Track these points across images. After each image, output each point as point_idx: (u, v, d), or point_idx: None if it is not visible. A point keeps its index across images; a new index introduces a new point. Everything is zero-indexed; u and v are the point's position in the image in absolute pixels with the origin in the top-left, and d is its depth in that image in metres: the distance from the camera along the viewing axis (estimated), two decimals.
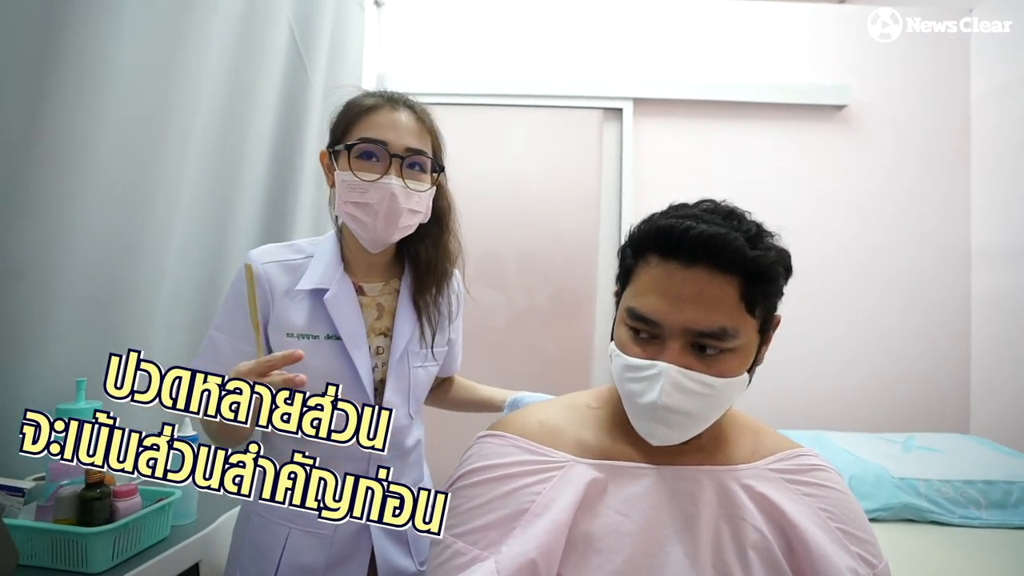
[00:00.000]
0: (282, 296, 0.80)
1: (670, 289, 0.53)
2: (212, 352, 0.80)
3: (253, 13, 1.30)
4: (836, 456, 1.54)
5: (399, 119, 0.79)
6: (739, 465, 0.60)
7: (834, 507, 0.57)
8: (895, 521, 1.36)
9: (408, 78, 2.02)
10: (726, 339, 0.53)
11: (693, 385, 0.53)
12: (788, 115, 2.02)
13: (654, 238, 0.55)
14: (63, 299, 0.91)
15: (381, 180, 0.76)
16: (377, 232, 0.79)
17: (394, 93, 0.82)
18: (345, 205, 0.79)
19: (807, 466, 0.61)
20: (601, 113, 2.06)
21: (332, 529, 0.81)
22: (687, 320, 0.53)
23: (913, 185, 2.00)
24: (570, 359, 2.00)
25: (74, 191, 0.90)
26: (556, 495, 0.55)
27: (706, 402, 0.54)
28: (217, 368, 0.75)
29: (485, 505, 0.56)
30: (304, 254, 0.84)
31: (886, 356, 1.99)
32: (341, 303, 0.81)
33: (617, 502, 0.56)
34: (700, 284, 0.52)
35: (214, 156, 1.23)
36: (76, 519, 0.77)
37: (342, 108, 0.82)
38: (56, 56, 0.86)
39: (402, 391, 0.85)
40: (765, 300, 0.55)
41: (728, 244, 0.52)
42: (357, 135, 0.78)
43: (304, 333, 0.79)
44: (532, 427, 0.62)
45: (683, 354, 0.53)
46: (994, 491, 1.37)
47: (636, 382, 0.55)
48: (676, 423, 0.54)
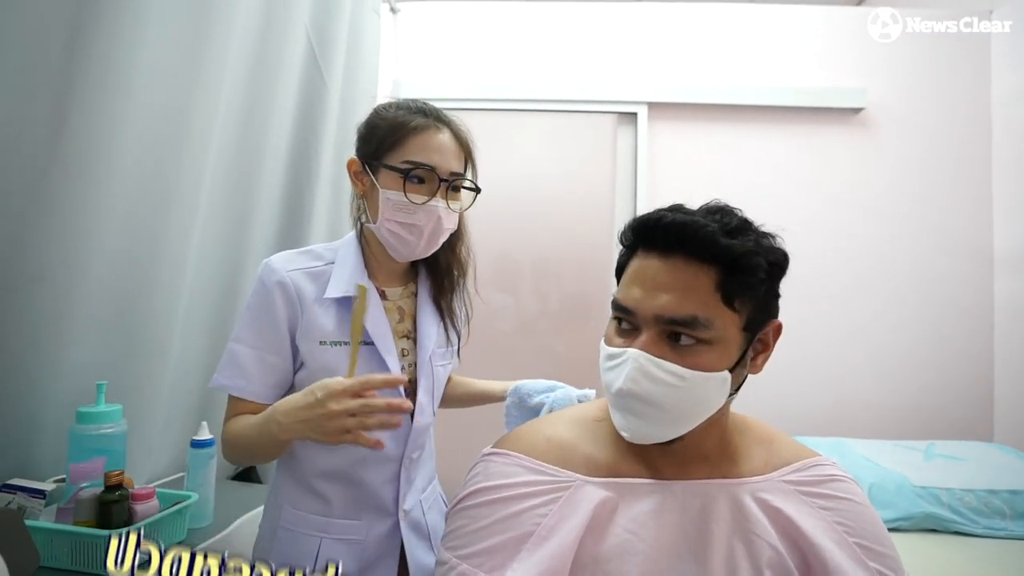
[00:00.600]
0: (311, 304, 0.80)
1: (646, 278, 0.54)
2: (234, 366, 0.78)
3: (271, 21, 1.32)
4: (856, 463, 1.51)
5: (444, 142, 0.81)
6: (752, 477, 0.58)
7: (852, 520, 0.55)
8: (917, 531, 1.33)
9: (423, 83, 2.03)
10: (698, 328, 0.52)
11: (661, 374, 0.52)
12: (804, 119, 2.00)
13: (636, 232, 0.57)
14: (83, 302, 0.92)
15: (430, 203, 0.79)
16: (418, 250, 0.83)
17: (435, 110, 0.83)
18: (389, 222, 0.80)
19: (824, 476, 0.59)
20: (615, 117, 2.06)
21: (364, 533, 0.82)
22: (658, 307, 0.53)
23: (933, 189, 1.97)
24: (582, 362, 1.99)
25: (95, 195, 0.92)
26: (563, 517, 0.54)
27: (677, 394, 0.52)
28: (239, 380, 0.76)
29: (490, 527, 0.54)
30: (324, 260, 0.84)
31: (907, 362, 1.95)
32: (370, 310, 0.82)
33: (627, 521, 0.55)
34: (675, 272, 0.53)
35: (233, 161, 1.25)
36: (95, 521, 0.78)
37: (385, 123, 0.81)
38: (79, 64, 0.88)
39: (429, 390, 0.88)
40: (744, 292, 0.53)
41: (698, 231, 0.52)
42: (405, 156, 0.79)
43: (336, 340, 0.79)
44: (539, 445, 0.61)
45: (656, 343, 0.53)
46: (1020, 501, 1.34)
47: (611, 371, 0.55)
48: (646, 414, 0.54)
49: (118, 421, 0.87)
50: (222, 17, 1.12)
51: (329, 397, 0.63)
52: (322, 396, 0.64)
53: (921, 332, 1.95)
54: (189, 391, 1.20)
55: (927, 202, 1.97)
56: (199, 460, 0.99)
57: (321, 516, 0.81)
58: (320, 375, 0.77)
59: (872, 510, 0.58)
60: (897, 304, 1.96)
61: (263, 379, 0.78)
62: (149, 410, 1.07)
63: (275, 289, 0.78)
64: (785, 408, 1.90)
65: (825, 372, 1.94)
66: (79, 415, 0.84)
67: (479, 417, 1.16)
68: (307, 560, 0.80)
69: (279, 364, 0.79)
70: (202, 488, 0.98)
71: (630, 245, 0.59)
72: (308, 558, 0.80)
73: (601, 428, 0.63)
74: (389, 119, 0.81)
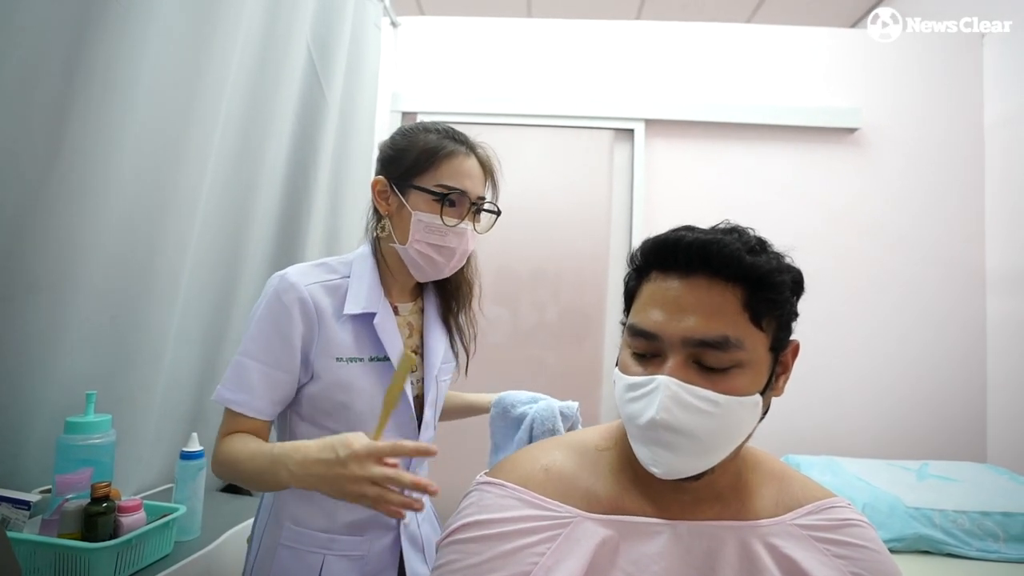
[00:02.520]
0: (329, 319, 0.79)
1: (668, 300, 0.51)
2: (240, 379, 0.76)
3: (273, 35, 1.34)
4: (849, 483, 1.51)
5: (473, 167, 0.84)
6: (763, 520, 0.54)
7: (868, 571, 0.52)
8: (910, 552, 1.32)
9: (422, 97, 2.05)
10: (730, 349, 0.49)
11: (695, 401, 0.48)
12: (800, 137, 2.03)
13: (652, 253, 0.54)
14: (77, 312, 0.92)
15: (460, 226, 0.82)
16: (445, 271, 0.85)
17: (464, 136, 0.86)
18: (420, 244, 0.82)
19: (838, 521, 0.55)
20: (613, 133, 2.08)
21: (367, 548, 0.82)
22: (686, 329, 0.49)
23: (927, 209, 1.99)
24: (580, 375, 1.99)
25: (92, 206, 0.92)
26: (561, 557, 0.51)
27: (712, 422, 0.49)
28: (244, 395, 0.75)
29: (483, 564, 0.51)
30: (339, 274, 0.84)
31: (900, 380, 1.95)
32: (387, 326, 0.83)
33: (628, 564, 0.52)
34: (699, 292, 0.50)
35: (231, 172, 1.26)
36: (80, 534, 0.77)
37: (416, 147, 0.82)
38: (81, 75, 0.89)
39: (433, 404, 0.89)
40: (771, 311, 0.51)
41: (722, 248, 0.50)
42: (439, 180, 0.81)
43: (352, 356, 0.79)
44: (536, 476, 0.57)
45: (685, 368, 0.50)
46: (1013, 524, 1.33)
47: (635, 401, 0.51)
48: (679, 446, 0.49)
49: (107, 431, 0.86)
50: (224, 30, 1.14)
51: (352, 459, 0.61)
52: (344, 455, 0.61)
53: (914, 350, 1.96)
54: (180, 402, 1.19)
55: (920, 222, 1.99)
56: (188, 472, 0.99)
57: (324, 533, 0.81)
58: (334, 391, 0.78)
59: (889, 558, 0.55)
60: (890, 322, 1.97)
61: (268, 396, 0.77)
62: (139, 421, 1.06)
63: (294, 305, 0.77)
64: (778, 426, 1.89)
65: (818, 390, 1.94)
66: (67, 425, 0.83)
67: (462, 424, 1.16)
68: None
69: (286, 381, 0.78)
70: (190, 501, 0.97)
71: (641, 267, 0.56)
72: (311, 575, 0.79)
73: (603, 458, 0.59)
74: (420, 142, 0.83)
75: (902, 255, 1.98)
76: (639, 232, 1.99)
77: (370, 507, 0.62)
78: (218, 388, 0.76)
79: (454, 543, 0.54)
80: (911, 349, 1.96)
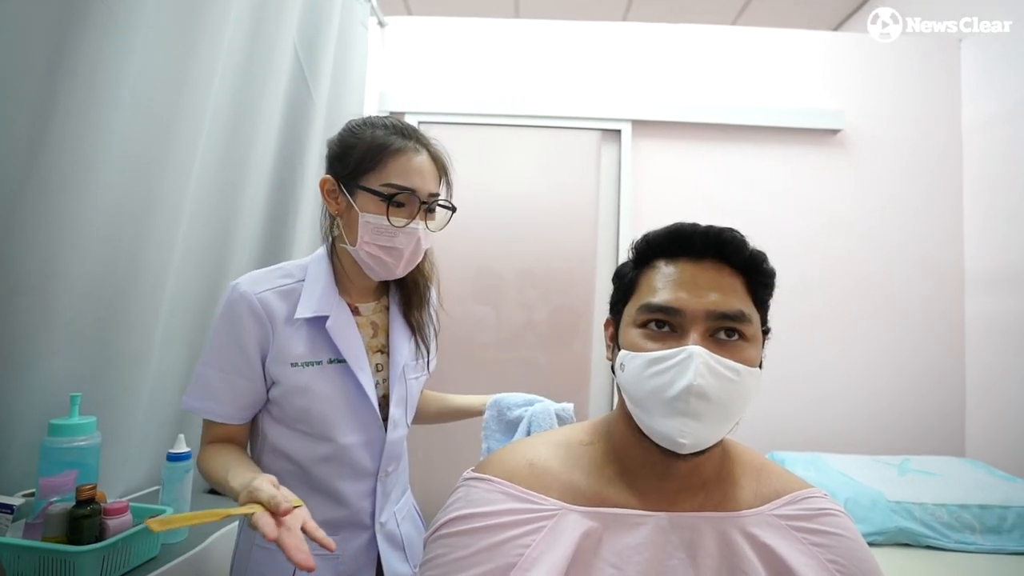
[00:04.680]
0: (283, 325, 0.79)
1: (685, 280, 0.56)
2: (203, 388, 0.78)
3: (260, 34, 1.33)
4: (832, 479, 1.53)
5: (423, 164, 0.80)
6: (742, 511, 0.57)
7: (844, 558, 0.54)
8: (890, 545, 1.35)
9: (409, 97, 2.05)
10: (744, 322, 0.54)
11: (723, 369, 0.52)
12: (784, 138, 2.06)
13: (662, 241, 0.59)
14: (61, 314, 0.91)
15: (410, 226, 0.79)
16: (396, 272, 0.83)
17: (413, 130, 0.83)
18: (369, 245, 0.80)
19: (816, 511, 0.57)
20: (600, 134, 2.09)
21: (342, 548, 0.82)
22: (709, 304, 0.54)
23: (907, 209, 2.03)
24: (568, 375, 2.00)
25: (77, 206, 0.91)
26: (546, 548, 0.52)
27: (735, 390, 0.52)
28: (209, 403, 0.77)
29: (470, 557, 0.53)
30: (294, 278, 0.83)
31: (882, 378, 1.99)
32: (342, 328, 0.82)
33: (611, 555, 0.53)
34: (712, 274, 0.56)
35: (217, 173, 1.25)
36: (65, 537, 0.76)
37: (362, 144, 0.80)
38: (64, 74, 0.88)
39: (402, 403, 0.88)
40: (764, 297, 0.58)
41: (735, 238, 0.56)
42: (385, 179, 0.78)
43: (308, 361, 0.79)
44: (521, 470, 0.59)
45: (706, 340, 0.53)
46: (989, 516, 1.37)
47: (663, 374, 0.52)
48: (705, 414, 0.51)
49: (91, 433, 0.86)
50: (210, 30, 1.13)
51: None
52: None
53: (895, 349, 2.00)
54: (167, 403, 1.18)
55: (901, 222, 2.03)
56: (175, 474, 0.98)
57: None
58: (292, 396, 0.78)
59: (865, 545, 0.57)
60: (871, 321, 2.01)
61: (234, 402, 0.78)
62: (125, 422, 1.05)
63: (245, 315, 0.77)
64: (765, 424, 1.92)
65: (803, 388, 1.97)
66: (51, 427, 0.82)
67: (454, 428, 1.16)
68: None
69: (249, 388, 0.78)
70: (177, 502, 0.96)
71: (642, 258, 0.60)
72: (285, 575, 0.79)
73: (587, 453, 0.61)
74: (367, 139, 0.80)
75: (883, 255, 2.02)
76: (626, 232, 2.01)
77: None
78: (184, 397, 0.78)
79: (442, 537, 0.56)
80: (892, 347, 2.00)
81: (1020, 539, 1.33)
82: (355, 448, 0.83)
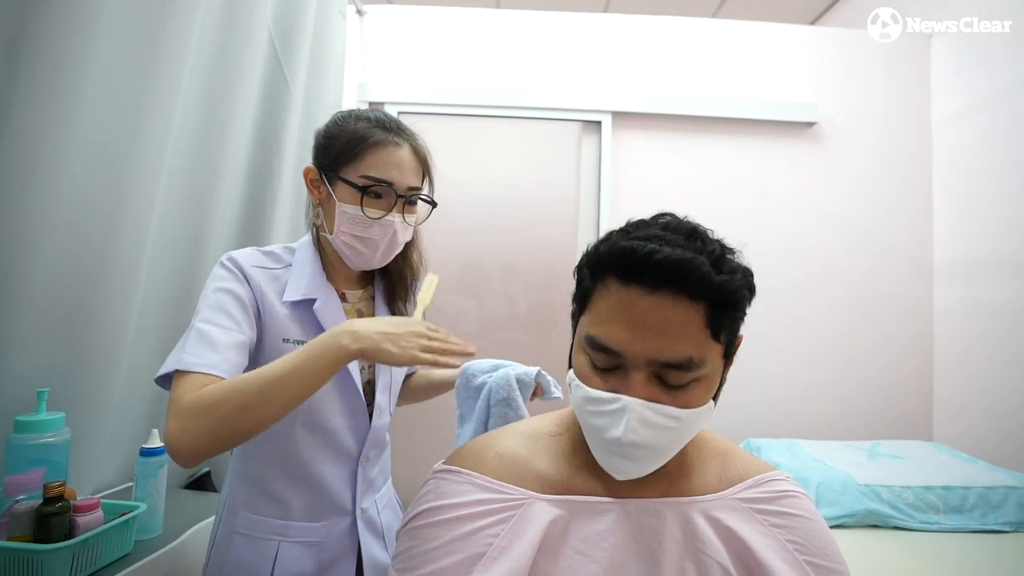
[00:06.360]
0: (271, 303, 0.80)
1: (632, 317, 0.50)
2: (204, 342, 0.70)
3: (233, 21, 1.30)
4: (807, 464, 1.58)
5: (403, 157, 0.81)
6: (705, 496, 0.57)
7: (803, 538, 0.55)
8: (860, 527, 1.40)
9: (388, 88, 2.03)
10: (692, 369, 0.50)
11: (659, 419, 0.50)
12: (761, 131, 2.09)
13: (615, 261, 0.52)
14: (26, 308, 0.89)
15: (386, 218, 0.80)
16: (373, 262, 0.84)
17: (396, 123, 0.83)
18: (344, 235, 0.81)
19: (777, 493, 0.58)
20: (580, 125, 2.10)
21: (323, 535, 0.82)
22: (651, 350, 0.50)
23: (878, 201, 2.08)
24: (548, 366, 2.01)
25: (40, 199, 0.88)
26: (515, 537, 0.53)
27: (672, 435, 0.52)
28: (213, 356, 0.69)
29: (441, 548, 0.53)
30: (282, 263, 0.84)
31: (854, 366, 2.05)
32: (330, 312, 0.83)
33: (578, 541, 0.54)
34: (664, 311, 0.49)
35: (190, 164, 1.22)
36: (32, 536, 0.75)
37: (344, 135, 0.81)
38: (25, 60, 0.85)
39: (386, 389, 0.89)
40: (731, 325, 0.52)
41: (695, 270, 0.48)
42: (363, 171, 0.79)
43: (299, 339, 0.79)
44: (490, 461, 0.59)
45: (647, 386, 0.51)
46: (952, 496, 1.42)
47: (599, 416, 0.52)
48: (641, 458, 0.52)
49: (60, 430, 0.84)
50: (180, 15, 1.10)
51: (416, 324, 0.70)
52: (411, 321, 0.71)
53: (866, 337, 2.05)
54: (140, 399, 1.16)
55: (872, 213, 2.07)
56: (148, 469, 0.96)
57: (279, 520, 0.81)
58: None
59: (823, 525, 0.58)
60: (843, 310, 2.06)
61: (233, 358, 0.72)
62: (97, 419, 1.03)
63: (240, 277, 0.78)
64: (741, 412, 1.96)
65: (778, 377, 2.02)
66: (17, 424, 0.81)
67: (433, 414, 1.17)
68: (263, 566, 0.79)
69: (247, 345, 0.75)
70: (151, 498, 0.95)
71: (598, 271, 0.54)
72: (266, 563, 0.79)
73: (555, 443, 0.61)
74: (349, 131, 0.81)
75: (855, 246, 2.07)
76: (606, 222, 2.02)
77: (434, 364, 0.69)
78: (180, 356, 0.69)
79: (412, 529, 0.56)
80: (864, 336, 2.05)
81: (980, 518, 1.39)
82: (340, 431, 0.84)
